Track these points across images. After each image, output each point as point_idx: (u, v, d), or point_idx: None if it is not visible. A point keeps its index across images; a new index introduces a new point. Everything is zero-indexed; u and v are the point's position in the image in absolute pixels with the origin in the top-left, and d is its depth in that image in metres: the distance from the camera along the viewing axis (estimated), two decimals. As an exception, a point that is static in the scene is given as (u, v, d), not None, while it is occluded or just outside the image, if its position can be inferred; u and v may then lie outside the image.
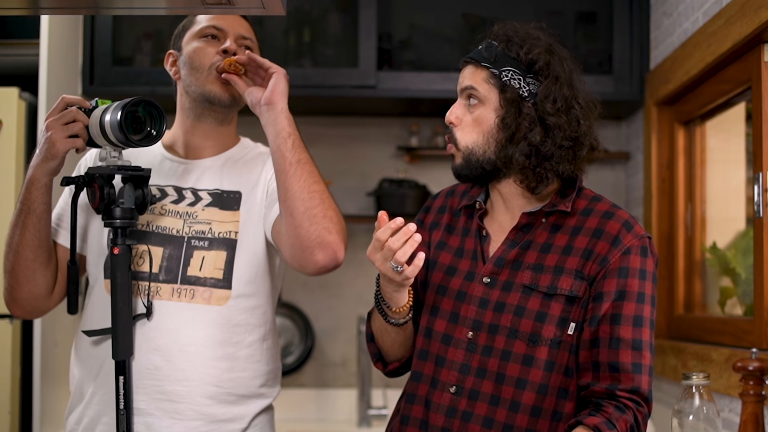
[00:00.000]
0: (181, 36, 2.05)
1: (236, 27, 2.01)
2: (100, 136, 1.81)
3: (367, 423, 3.21)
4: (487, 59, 1.75)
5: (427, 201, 1.98)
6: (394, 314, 1.77)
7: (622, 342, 1.68)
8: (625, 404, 1.66)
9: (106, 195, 1.82)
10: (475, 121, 1.76)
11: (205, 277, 1.92)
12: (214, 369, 1.91)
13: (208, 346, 1.91)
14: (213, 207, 1.97)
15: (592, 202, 1.80)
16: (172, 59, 2.07)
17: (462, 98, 1.79)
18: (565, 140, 1.72)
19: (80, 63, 3.06)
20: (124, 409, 1.82)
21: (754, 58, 2.33)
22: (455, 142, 1.78)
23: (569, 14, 3.21)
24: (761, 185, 2.23)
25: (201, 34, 2.00)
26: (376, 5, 3.09)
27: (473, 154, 1.76)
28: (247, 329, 1.95)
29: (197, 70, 1.98)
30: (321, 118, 3.39)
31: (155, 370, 1.89)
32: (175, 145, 2.05)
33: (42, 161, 1.82)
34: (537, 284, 1.73)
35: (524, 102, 1.73)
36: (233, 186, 1.99)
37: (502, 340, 1.73)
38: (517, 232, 1.79)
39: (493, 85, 1.75)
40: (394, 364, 1.89)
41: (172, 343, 1.89)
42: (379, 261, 1.65)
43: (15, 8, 1.98)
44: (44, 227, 1.88)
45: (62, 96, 1.85)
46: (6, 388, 2.64)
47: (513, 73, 1.74)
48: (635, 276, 1.71)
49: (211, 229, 1.95)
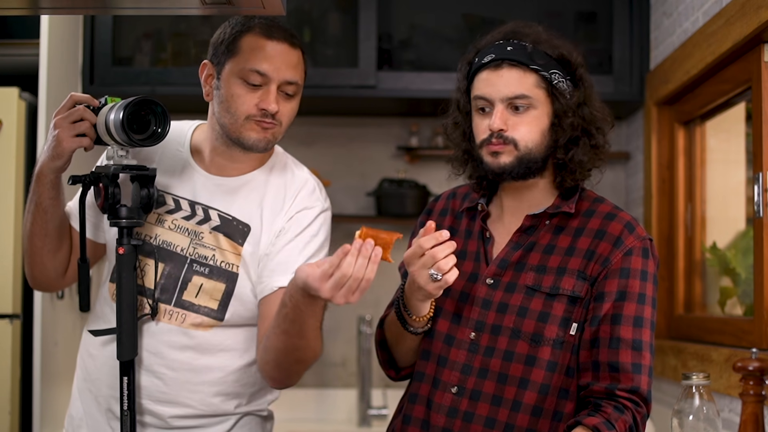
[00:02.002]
0: (222, 57, 1.88)
1: (282, 71, 1.84)
2: (106, 134, 1.79)
3: (367, 423, 3.21)
4: (535, 62, 1.73)
5: (429, 203, 1.98)
6: (415, 322, 1.77)
7: (622, 342, 1.69)
8: (624, 404, 1.67)
9: (110, 194, 1.80)
10: (530, 122, 1.74)
11: (199, 305, 1.89)
12: (200, 394, 1.89)
13: (195, 370, 1.89)
14: (219, 232, 1.90)
15: (595, 203, 1.81)
16: (208, 73, 1.92)
17: (503, 104, 1.73)
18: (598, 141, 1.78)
19: (80, 63, 3.06)
20: (128, 409, 1.81)
21: (754, 58, 2.32)
22: (514, 141, 1.73)
23: (569, 14, 3.21)
24: (761, 185, 2.23)
25: (243, 77, 1.84)
26: (376, 5, 3.09)
27: (530, 154, 1.74)
28: (234, 355, 1.92)
29: (233, 116, 1.85)
30: (321, 118, 3.39)
31: (142, 388, 1.88)
32: (200, 153, 1.96)
33: (49, 159, 1.81)
34: (540, 285, 1.74)
35: (569, 103, 1.75)
36: (244, 216, 1.91)
37: (504, 340, 1.73)
38: (521, 234, 1.79)
39: (543, 89, 1.74)
40: (407, 369, 1.88)
41: (158, 366, 1.88)
42: (417, 267, 1.64)
43: (15, 8, 1.98)
44: (51, 219, 1.87)
45: (71, 94, 1.84)
46: (6, 388, 2.64)
47: (559, 75, 1.74)
48: (636, 277, 1.71)
49: (214, 256, 1.89)
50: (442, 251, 1.62)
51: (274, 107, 1.83)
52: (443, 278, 1.63)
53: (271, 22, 1.88)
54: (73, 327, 2.86)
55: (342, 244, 1.61)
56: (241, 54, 1.84)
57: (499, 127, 1.72)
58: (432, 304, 1.76)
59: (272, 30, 1.86)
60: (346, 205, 3.38)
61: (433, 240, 1.63)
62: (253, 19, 1.87)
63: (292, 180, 1.96)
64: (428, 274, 1.63)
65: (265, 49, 1.83)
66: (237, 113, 1.85)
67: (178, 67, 3.12)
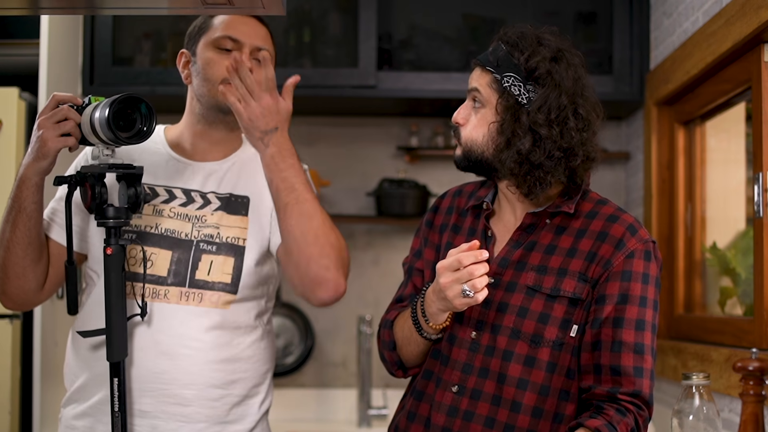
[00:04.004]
0: (196, 38, 2.01)
1: (252, 37, 1.97)
2: (91, 134, 1.77)
3: (367, 423, 3.21)
4: (491, 63, 1.76)
5: (435, 200, 1.98)
6: (430, 329, 1.77)
7: (624, 345, 1.68)
8: (626, 407, 1.66)
9: (97, 194, 1.79)
10: (479, 121, 1.77)
11: (213, 281, 1.93)
12: (219, 372, 1.92)
13: (214, 348, 1.92)
14: (221, 211, 1.97)
15: (598, 205, 1.81)
16: (185, 60, 2.03)
17: (469, 99, 1.80)
18: (556, 150, 1.71)
19: (80, 63, 3.06)
20: (119, 411, 1.81)
21: (754, 58, 2.32)
22: (459, 137, 1.80)
23: (569, 14, 3.21)
24: (761, 185, 2.23)
25: (216, 45, 1.97)
26: (376, 5, 3.09)
27: (472, 151, 1.78)
28: (247, 331, 1.97)
29: (210, 81, 1.96)
30: (321, 118, 3.39)
31: (162, 373, 1.89)
32: (180, 145, 2.04)
33: (33, 160, 1.79)
34: (540, 285, 1.73)
35: (522, 109, 1.72)
36: (241, 190, 2.00)
37: (504, 340, 1.73)
38: (521, 232, 1.79)
39: (494, 89, 1.75)
40: (415, 369, 1.88)
41: (180, 347, 1.90)
42: (450, 279, 1.64)
43: (15, 8, 1.97)
44: (34, 225, 1.86)
45: (53, 94, 1.83)
46: (6, 388, 2.63)
47: (514, 79, 1.73)
48: (638, 280, 1.71)
49: (219, 234, 1.95)
50: (479, 270, 1.62)
51: (247, 62, 1.89)
52: (474, 296, 1.63)
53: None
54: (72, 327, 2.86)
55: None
56: (212, 28, 1.98)
57: (455, 120, 1.80)
58: (450, 315, 1.76)
59: (239, 15, 1.97)
60: (346, 205, 3.38)
61: (473, 257, 1.63)
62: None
63: None
64: (460, 288, 1.63)
65: (232, 20, 1.97)
66: (213, 77, 1.95)
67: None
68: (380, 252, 3.39)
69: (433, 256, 1.89)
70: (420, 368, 1.85)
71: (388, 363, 1.90)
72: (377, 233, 3.41)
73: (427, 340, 1.80)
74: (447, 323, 1.76)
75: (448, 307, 1.69)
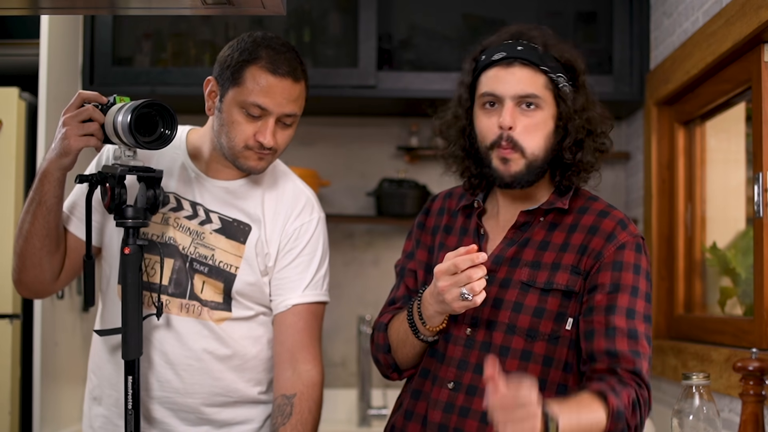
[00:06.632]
0: (229, 80, 1.91)
1: (282, 105, 1.91)
2: (114, 135, 1.80)
3: (367, 423, 3.21)
4: (545, 64, 1.75)
5: (426, 203, 1.98)
6: (427, 331, 1.78)
7: (618, 330, 1.69)
8: (627, 381, 1.66)
9: (116, 195, 1.81)
10: (537, 125, 1.74)
11: (206, 300, 1.96)
12: (222, 381, 1.96)
13: (216, 360, 1.95)
14: (220, 234, 1.97)
15: (589, 201, 1.83)
16: (211, 90, 1.96)
17: (513, 102, 1.74)
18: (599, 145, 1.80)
19: (80, 63, 3.06)
20: (132, 409, 1.82)
21: (754, 58, 2.32)
22: (521, 148, 1.74)
23: (569, 14, 3.21)
24: (761, 185, 2.23)
25: (245, 107, 1.89)
26: (376, 5, 3.09)
27: (537, 160, 1.76)
28: (250, 341, 1.99)
29: (231, 141, 1.92)
30: (321, 118, 3.39)
31: (166, 383, 1.94)
32: (198, 155, 2.02)
33: (56, 157, 1.81)
34: (534, 280, 1.75)
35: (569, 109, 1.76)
36: (243, 216, 1.99)
37: (500, 336, 1.74)
38: (516, 230, 1.80)
39: (550, 91, 1.75)
40: (410, 371, 1.89)
41: (182, 358, 1.93)
42: (448, 283, 1.64)
43: (15, 8, 1.98)
44: (53, 218, 1.88)
45: (79, 92, 1.85)
46: (6, 388, 2.63)
47: (563, 78, 1.76)
48: (629, 270, 1.73)
49: (213, 256, 1.96)
50: (477, 273, 1.62)
51: (271, 141, 1.89)
52: (473, 299, 1.63)
53: (277, 53, 1.90)
54: (72, 327, 2.87)
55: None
56: (244, 85, 1.89)
57: (509, 125, 1.73)
58: (445, 319, 1.76)
59: (277, 64, 1.89)
60: (346, 205, 3.38)
61: (470, 261, 1.63)
62: (260, 47, 1.90)
63: (286, 193, 2.04)
64: (458, 292, 1.63)
65: (267, 85, 1.88)
66: (235, 140, 1.91)
67: (178, 67, 3.12)
68: (380, 252, 3.39)
69: (426, 257, 1.90)
70: (415, 369, 1.86)
71: (383, 366, 1.90)
72: (377, 233, 3.41)
73: (423, 342, 1.80)
74: (443, 325, 1.76)
75: (446, 310, 1.70)
